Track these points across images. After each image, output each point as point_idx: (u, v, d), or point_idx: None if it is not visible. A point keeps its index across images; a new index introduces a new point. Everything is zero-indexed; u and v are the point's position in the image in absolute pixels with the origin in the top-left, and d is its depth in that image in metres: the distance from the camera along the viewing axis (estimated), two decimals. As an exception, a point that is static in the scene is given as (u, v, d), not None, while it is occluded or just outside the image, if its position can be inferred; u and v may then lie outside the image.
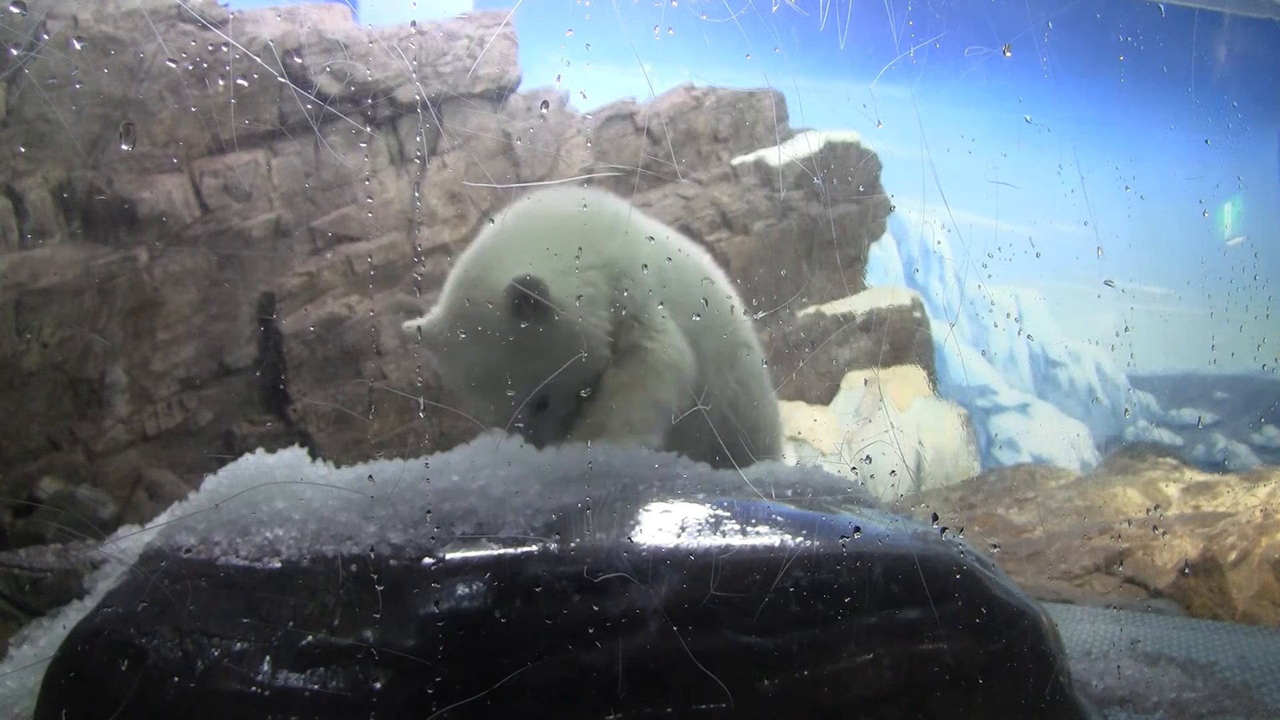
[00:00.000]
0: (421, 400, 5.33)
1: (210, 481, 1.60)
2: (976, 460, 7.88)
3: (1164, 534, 4.02)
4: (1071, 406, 9.82)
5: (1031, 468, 6.92)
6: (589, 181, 6.40)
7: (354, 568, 1.39)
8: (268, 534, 1.45)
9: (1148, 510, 4.89)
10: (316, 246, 5.59)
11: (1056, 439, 9.04)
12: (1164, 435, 9.17)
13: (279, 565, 1.41)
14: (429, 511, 1.47)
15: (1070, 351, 10.04)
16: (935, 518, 1.79)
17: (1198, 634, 2.70)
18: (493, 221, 2.08)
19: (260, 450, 1.68)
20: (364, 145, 5.66)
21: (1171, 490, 5.18)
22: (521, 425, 1.88)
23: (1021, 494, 5.79)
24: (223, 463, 1.64)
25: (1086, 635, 2.60)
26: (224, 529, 1.47)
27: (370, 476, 1.56)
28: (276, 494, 1.52)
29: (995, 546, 4.02)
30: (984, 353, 9.66)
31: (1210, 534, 3.79)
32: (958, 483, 6.93)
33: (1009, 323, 9.53)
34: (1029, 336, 9.93)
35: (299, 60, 5.45)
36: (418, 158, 5.82)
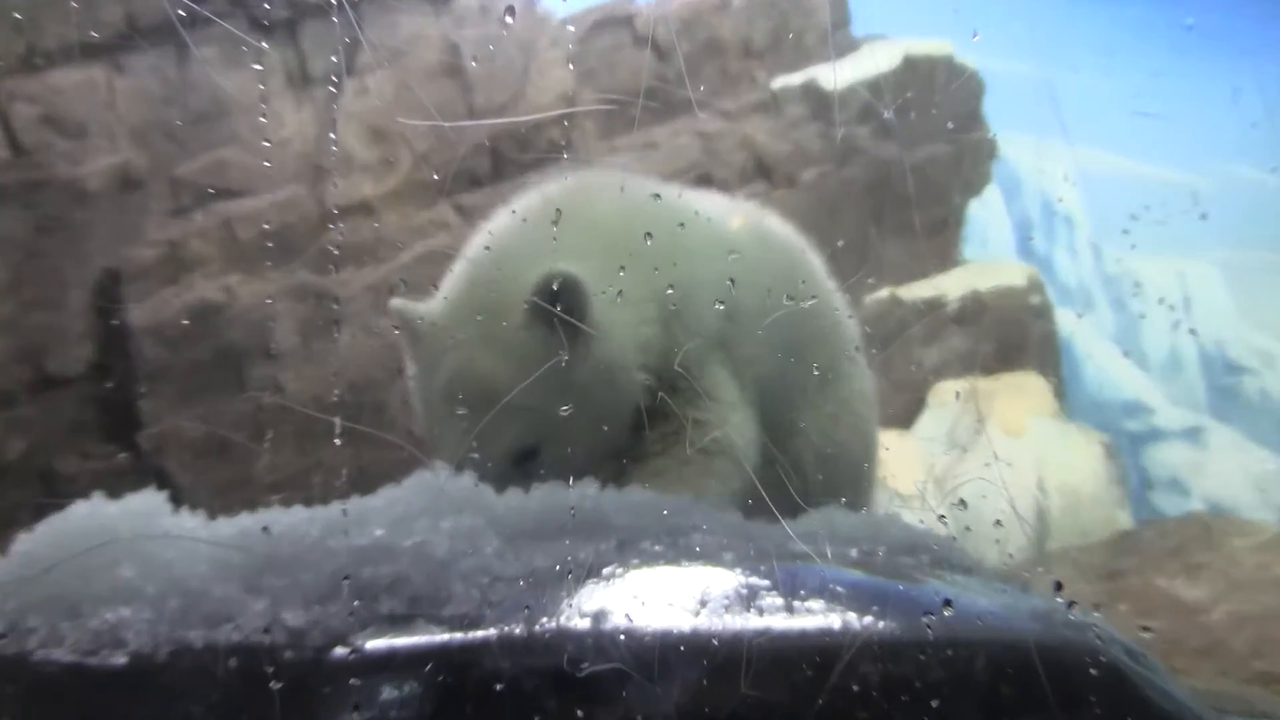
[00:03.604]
0: (338, 421, 5.30)
1: (23, 542, 1.60)
2: (1125, 508, 7.89)
3: None
4: (1263, 431, 9.83)
5: (1206, 519, 6.91)
6: (571, 116, 6.42)
7: (235, 662, 1.39)
8: (108, 615, 1.45)
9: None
10: (181, 204, 5.61)
11: (1240, 478, 9.05)
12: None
13: (125, 660, 1.41)
14: (346, 578, 1.47)
15: (1258, 352, 10.05)
16: (1059, 587, 1.79)
17: None
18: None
19: (98, 495, 1.68)
20: (255, 63, 5.68)
21: None
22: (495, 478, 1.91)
23: (1192, 557, 5.78)
24: (42, 513, 1.64)
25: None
26: (44, 609, 1.47)
27: (265, 528, 1.56)
28: (122, 558, 1.52)
29: (1150, 631, 4.01)
30: (1129, 354, 9.67)
31: None
32: (1096, 540, 6.94)
33: (1165, 311, 9.54)
34: (1194, 331, 9.95)
35: (156, -59, 5.48)
36: (332, 80, 5.85)
